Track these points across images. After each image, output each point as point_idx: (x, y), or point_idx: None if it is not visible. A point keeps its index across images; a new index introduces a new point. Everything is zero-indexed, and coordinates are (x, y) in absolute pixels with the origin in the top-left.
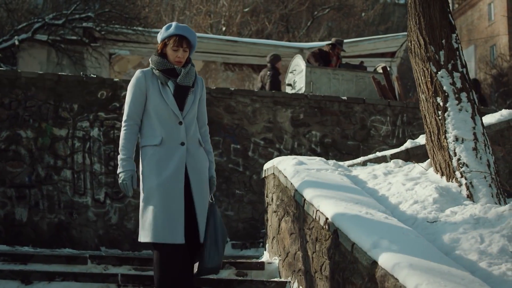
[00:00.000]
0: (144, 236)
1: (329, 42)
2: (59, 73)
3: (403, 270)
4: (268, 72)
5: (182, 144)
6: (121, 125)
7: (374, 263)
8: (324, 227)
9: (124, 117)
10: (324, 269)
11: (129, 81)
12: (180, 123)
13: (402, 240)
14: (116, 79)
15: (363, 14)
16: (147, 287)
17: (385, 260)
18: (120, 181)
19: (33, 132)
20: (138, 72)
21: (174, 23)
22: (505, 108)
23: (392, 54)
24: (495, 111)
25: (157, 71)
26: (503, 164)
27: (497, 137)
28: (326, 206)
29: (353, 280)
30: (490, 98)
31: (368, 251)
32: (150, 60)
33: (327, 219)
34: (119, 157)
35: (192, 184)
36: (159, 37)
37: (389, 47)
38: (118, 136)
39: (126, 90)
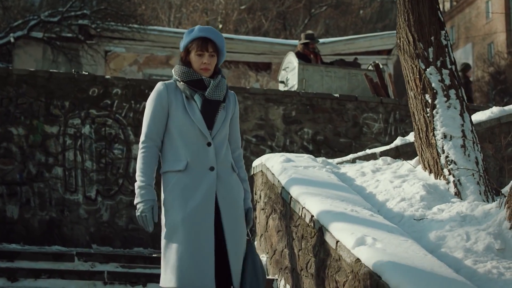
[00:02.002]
0: (167, 280)
1: (301, 41)
2: (51, 70)
3: (386, 268)
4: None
5: (212, 169)
6: (112, 123)
7: (358, 260)
8: (310, 224)
9: (142, 138)
10: (309, 267)
11: (121, 78)
12: (209, 144)
13: (386, 238)
14: (107, 76)
15: (360, 11)
16: (134, 285)
17: (368, 258)
18: (138, 213)
19: (25, 130)
20: (159, 85)
21: (197, 26)
22: (503, 106)
23: (388, 52)
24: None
25: (181, 83)
26: (493, 161)
27: (488, 135)
28: (311, 204)
29: (337, 278)
30: (488, 96)
31: (352, 249)
32: (173, 70)
33: (312, 216)
34: (136, 184)
35: (224, 217)
36: (181, 44)
37: (385, 44)
38: (110, 134)
39: (117, 87)
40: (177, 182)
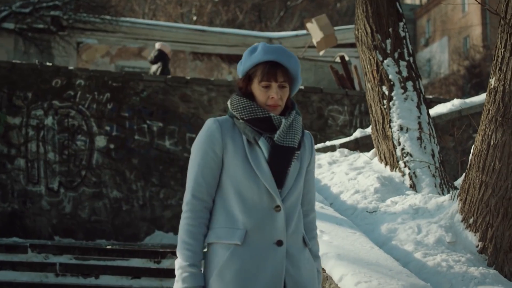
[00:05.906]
0: None
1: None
2: (13, 61)
3: (330, 261)
4: None
5: (280, 243)
6: (75, 114)
7: None
8: None
9: (187, 196)
10: None
11: (84, 69)
12: (278, 208)
13: (334, 230)
14: (70, 67)
15: (337, 4)
16: (86, 277)
17: None
18: None
19: None
20: (210, 122)
21: (260, 44)
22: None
23: None
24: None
25: (241, 121)
26: (454, 154)
27: (449, 127)
28: None
29: None
30: (463, 89)
31: None
32: (229, 103)
33: None
34: (178, 262)
35: None
36: (240, 68)
37: None
38: (73, 125)
39: (80, 78)
40: (230, 260)
